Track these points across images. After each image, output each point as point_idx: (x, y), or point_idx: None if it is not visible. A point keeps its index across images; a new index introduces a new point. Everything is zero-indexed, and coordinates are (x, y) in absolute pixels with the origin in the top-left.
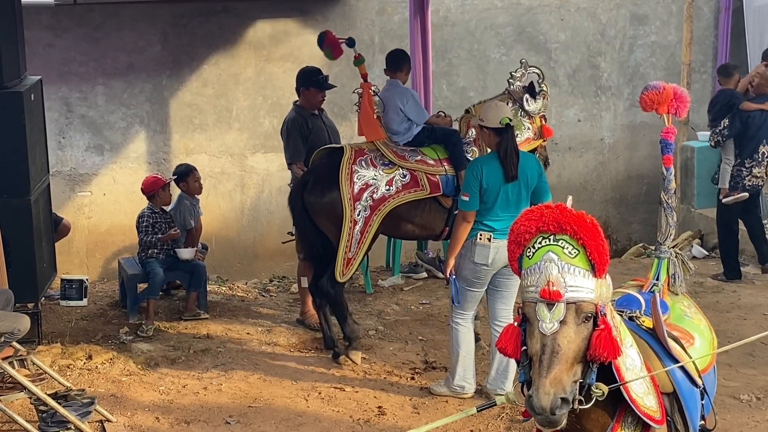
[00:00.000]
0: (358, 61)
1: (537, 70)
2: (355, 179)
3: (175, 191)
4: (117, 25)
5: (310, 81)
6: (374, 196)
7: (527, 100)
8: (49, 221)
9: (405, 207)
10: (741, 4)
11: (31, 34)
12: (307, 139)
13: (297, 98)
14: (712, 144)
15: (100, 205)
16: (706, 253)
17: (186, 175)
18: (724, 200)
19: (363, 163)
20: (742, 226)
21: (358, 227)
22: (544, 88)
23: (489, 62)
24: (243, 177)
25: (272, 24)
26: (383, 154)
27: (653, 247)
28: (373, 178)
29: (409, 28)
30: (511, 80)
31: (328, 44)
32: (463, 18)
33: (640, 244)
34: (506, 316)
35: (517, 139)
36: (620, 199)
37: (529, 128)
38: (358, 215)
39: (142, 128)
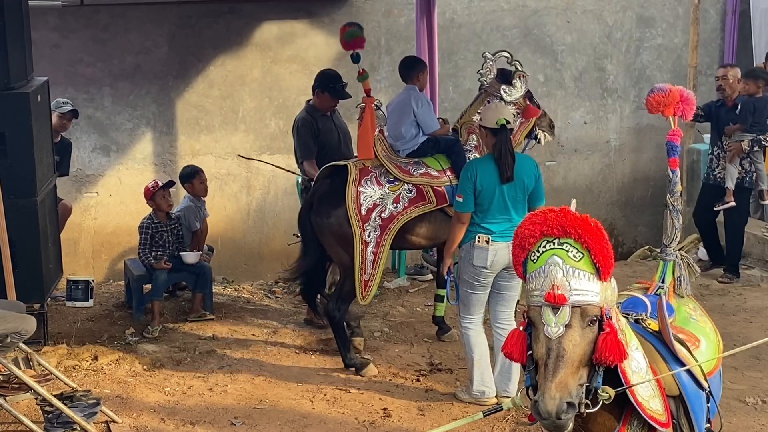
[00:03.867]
0: (362, 77)
1: (505, 53)
2: (361, 201)
3: (181, 193)
4: (124, 26)
5: (327, 86)
6: (383, 215)
7: (505, 91)
8: (56, 222)
9: (412, 221)
10: (748, 6)
11: (38, 35)
12: (316, 139)
13: (308, 97)
14: None
15: (106, 206)
16: None
17: (192, 176)
18: None
19: (368, 183)
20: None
21: (370, 248)
22: (517, 67)
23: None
24: (249, 178)
25: (279, 25)
26: (387, 171)
27: (659, 250)
28: (380, 198)
29: (415, 30)
30: (481, 79)
31: (358, 36)
32: (470, 20)
33: (646, 247)
34: (507, 318)
35: (513, 126)
36: (626, 201)
37: (518, 113)
38: (369, 236)
39: (149, 129)
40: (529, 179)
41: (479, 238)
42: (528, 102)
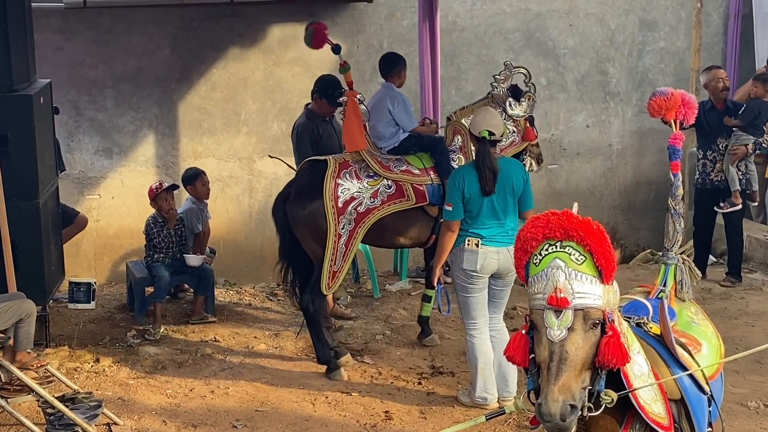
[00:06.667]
0: (344, 68)
1: (524, 71)
2: (339, 193)
3: (183, 195)
4: (126, 29)
5: (325, 92)
6: (359, 209)
7: (511, 104)
8: (58, 224)
9: (390, 217)
10: (750, 10)
11: (41, 37)
12: (317, 144)
13: (308, 101)
14: None
15: (108, 208)
16: (714, 259)
17: (194, 179)
18: None
19: (347, 176)
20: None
21: (342, 240)
22: (530, 90)
23: (497, 67)
24: (251, 181)
25: (281, 28)
26: (368, 165)
27: (661, 253)
28: (358, 191)
29: (417, 33)
30: (494, 83)
31: (312, 30)
32: (472, 23)
33: (648, 250)
34: (497, 324)
35: (502, 144)
36: (628, 205)
37: (514, 131)
38: (343, 229)
39: (151, 132)
40: (517, 183)
41: (468, 241)
42: (528, 125)
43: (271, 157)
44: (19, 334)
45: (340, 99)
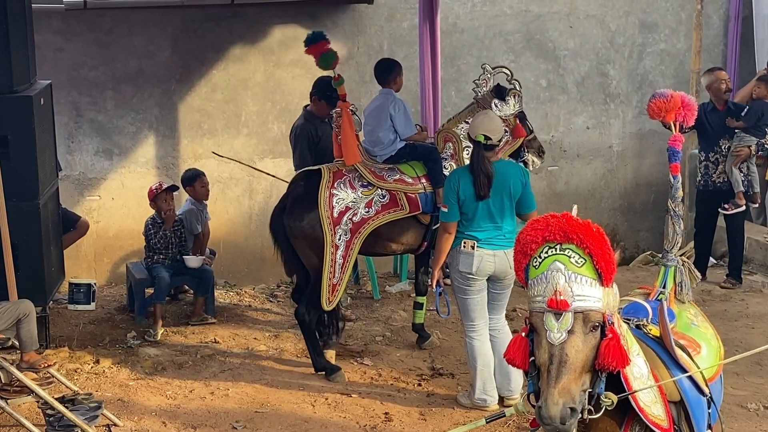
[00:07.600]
0: (338, 82)
1: (505, 70)
2: (334, 203)
3: (183, 196)
4: (127, 30)
5: (324, 94)
6: (354, 219)
7: (496, 105)
8: (58, 225)
9: (384, 227)
10: (750, 12)
11: (42, 38)
12: (316, 146)
13: (307, 102)
14: None
15: (108, 209)
16: (714, 261)
17: (193, 180)
18: None
19: (341, 185)
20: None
21: (339, 252)
22: (515, 87)
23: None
24: (251, 182)
25: (282, 30)
26: (362, 175)
27: (660, 255)
28: (352, 201)
29: (418, 35)
30: (476, 89)
31: (334, 55)
32: (472, 25)
33: (648, 252)
34: (497, 324)
35: (494, 142)
36: (628, 206)
37: (506, 131)
38: (339, 239)
39: (151, 133)
40: (515, 186)
41: (464, 243)
42: (518, 122)
43: (217, 154)
44: (21, 334)
45: (333, 111)
